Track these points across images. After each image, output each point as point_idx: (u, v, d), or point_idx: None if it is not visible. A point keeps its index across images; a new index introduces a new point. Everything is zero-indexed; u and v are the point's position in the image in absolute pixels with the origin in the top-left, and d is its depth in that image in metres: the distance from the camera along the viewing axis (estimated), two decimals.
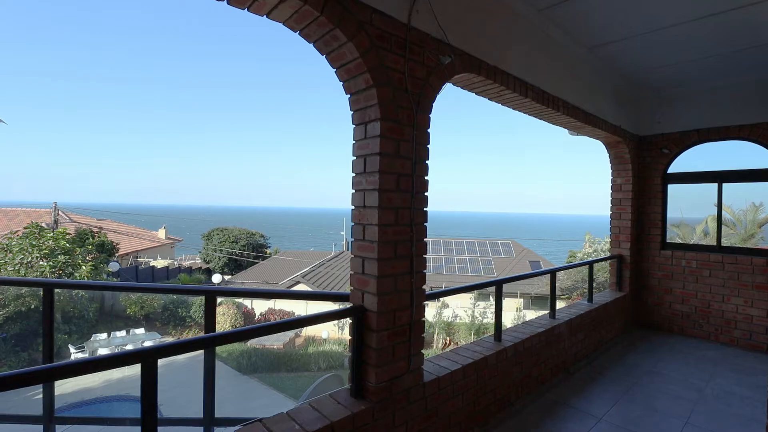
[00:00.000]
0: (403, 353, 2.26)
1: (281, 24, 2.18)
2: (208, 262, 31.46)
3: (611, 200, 5.70)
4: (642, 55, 4.32)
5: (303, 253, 34.03)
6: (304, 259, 28.03)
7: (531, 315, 18.87)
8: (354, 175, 2.34)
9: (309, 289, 20.73)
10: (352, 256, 2.29)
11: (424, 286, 2.40)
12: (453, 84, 3.11)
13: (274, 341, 15.85)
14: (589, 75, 4.46)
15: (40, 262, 13.23)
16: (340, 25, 2.08)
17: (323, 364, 14.35)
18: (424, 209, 2.43)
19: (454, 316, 19.98)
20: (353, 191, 2.34)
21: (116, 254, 18.61)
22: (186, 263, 30.36)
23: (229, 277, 26.18)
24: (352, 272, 2.29)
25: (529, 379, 3.48)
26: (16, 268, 12.90)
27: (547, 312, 4.19)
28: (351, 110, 2.40)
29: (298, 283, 21.82)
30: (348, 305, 2.34)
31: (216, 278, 21.71)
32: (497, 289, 3.31)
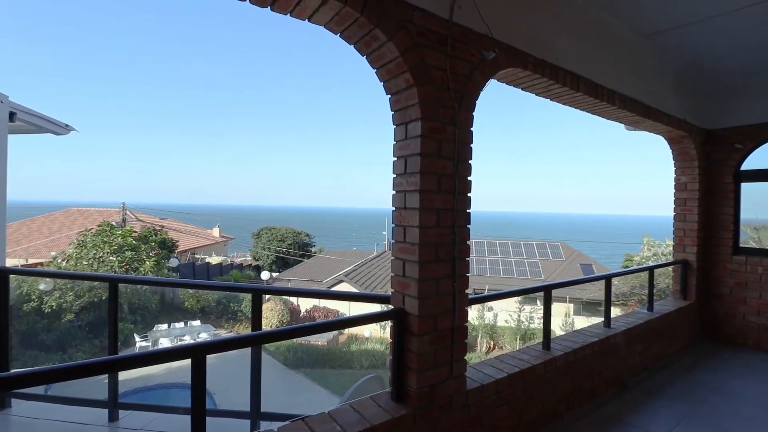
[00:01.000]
0: (445, 359, 2.21)
1: (323, 27, 2.21)
2: (257, 260, 32.91)
3: (674, 200, 5.23)
4: (708, 41, 3.91)
5: (346, 252, 34.63)
6: (347, 259, 28.52)
7: (581, 322, 17.88)
8: (395, 176, 2.32)
9: (352, 287, 21.04)
10: (393, 258, 2.27)
11: (467, 290, 2.33)
12: (497, 80, 2.99)
13: (318, 338, 16.24)
14: (649, 65, 4.13)
15: (110, 257, 14.52)
16: (380, 24, 2.07)
17: (366, 362, 14.50)
18: (467, 210, 2.36)
19: (498, 319, 19.40)
20: (394, 192, 2.32)
21: (176, 251, 19.98)
22: (238, 260, 31.94)
23: (277, 274, 27.21)
24: (393, 274, 2.27)
25: (581, 392, 3.27)
26: (90, 262, 14.24)
27: (600, 320, 3.92)
28: (392, 110, 2.38)
29: (341, 281, 22.23)
30: (388, 308, 2.32)
31: (265, 275, 22.65)
32: (546, 294, 3.14)
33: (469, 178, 2.38)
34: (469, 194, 2.38)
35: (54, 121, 3.61)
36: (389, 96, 2.37)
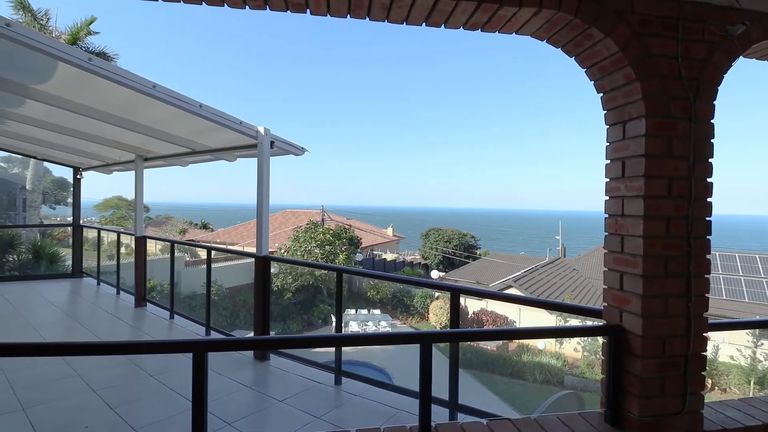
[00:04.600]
0: (675, 389, 1.92)
1: (527, 36, 2.23)
2: (425, 259, 34.64)
3: None
4: None
5: (513, 256, 32.99)
6: (515, 263, 27.12)
7: None
8: (608, 180, 2.15)
9: (520, 293, 19.91)
10: (606, 269, 2.10)
11: (706, 313, 1.97)
12: (745, 57, 2.41)
13: (487, 342, 16.00)
14: None
15: (315, 250, 17.83)
16: (595, 23, 1.96)
17: (539, 376, 13.54)
18: (707, 218, 1.99)
19: (720, 353, 15.17)
20: (607, 198, 2.15)
21: (360, 247, 22.96)
22: (408, 258, 34.34)
23: (443, 274, 28.04)
24: (606, 286, 2.11)
25: None
26: (302, 253, 17.80)
27: None
28: (604, 110, 2.22)
29: (509, 287, 21.30)
30: (598, 322, 2.16)
31: (434, 274, 23.68)
32: None
33: (709, 179, 2.01)
34: (709, 199, 2.00)
35: (295, 145, 4.69)
36: (601, 94, 2.22)
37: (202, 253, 19.68)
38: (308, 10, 1.96)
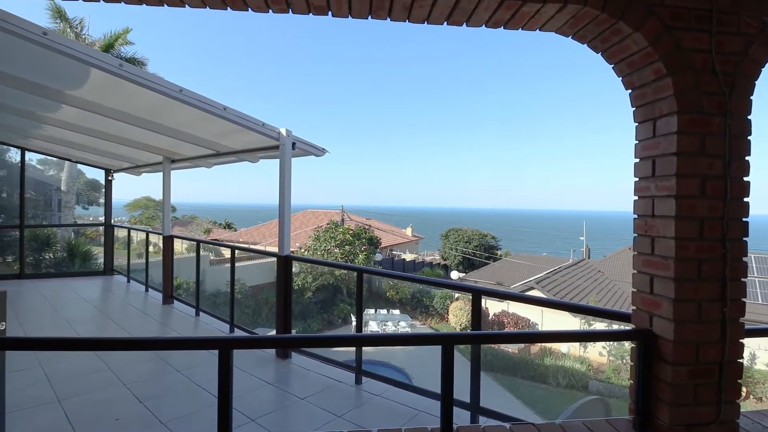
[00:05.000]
0: (709, 397, 1.84)
1: (550, 33, 2.18)
2: (445, 259, 34.38)
3: None
4: None
5: (535, 257, 32.35)
6: (537, 264, 26.58)
7: None
8: (637, 179, 2.08)
9: (543, 295, 19.48)
10: (635, 271, 2.04)
11: (742, 318, 1.88)
12: None
13: (508, 344, 15.74)
14: None
15: (335, 249, 17.97)
16: (623, 17, 1.90)
17: (562, 380, 13.23)
18: (743, 219, 1.90)
19: (753, 358, 14.47)
20: (636, 198, 2.09)
21: (379, 247, 22.98)
22: (428, 258, 34.15)
23: (463, 274, 27.76)
24: (635, 290, 2.04)
25: None
26: (322, 252, 17.96)
27: None
28: (633, 107, 2.15)
29: (531, 288, 20.88)
30: (626, 326, 2.10)
31: (454, 275, 23.47)
32: None
33: (745, 178, 1.92)
34: (745, 199, 1.91)
35: (315, 145, 4.75)
36: (629, 91, 2.15)
37: (226, 252, 20.14)
38: (330, 12, 1.98)
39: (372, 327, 15.84)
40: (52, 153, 8.79)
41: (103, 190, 9.26)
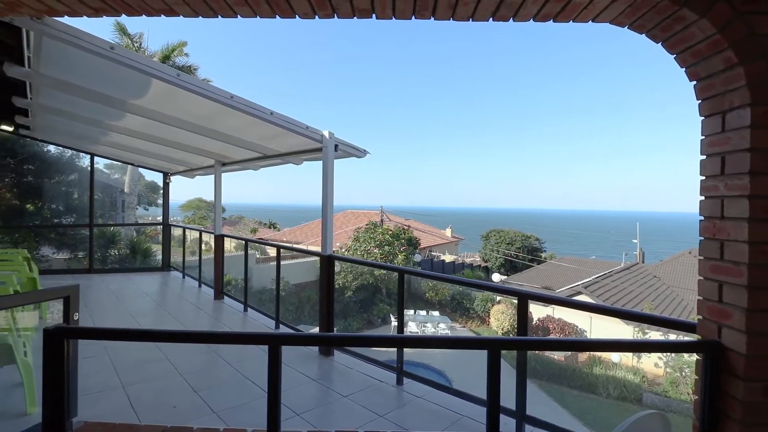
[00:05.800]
0: None
1: (605, 24, 2.07)
2: (486, 261, 33.61)
3: None
4: None
5: (583, 260, 30.77)
6: (585, 268, 25.26)
7: None
8: (704, 178, 1.92)
9: (591, 300, 18.49)
10: (702, 278, 1.88)
11: None
12: None
13: (554, 351, 15.09)
14: None
15: (374, 250, 18.12)
16: (687, 3, 1.76)
17: (613, 391, 12.49)
18: None
19: None
20: (702, 198, 1.92)
21: (418, 248, 22.89)
22: (468, 260, 33.56)
23: (505, 277, 26.98)
24: (701, 297, 1.88)
25: None
26: (362, 252, 18.18)
27: None
28: (698, 99, 1.99)
29: (579, 293, 19.92)
30: (687, 336, 1.94)
31: (495, 277, 22.87)
32: None
33: None
34: None
35: (357, 147, 4.81)
36: (694, 82, 1.99)
37: (271, 251, 20.88)
38: (374, 15, 2.00)
39: (411, 328, 15.79)
40: (117, 158, 9.57)
41: (162, 191, 9.94)
